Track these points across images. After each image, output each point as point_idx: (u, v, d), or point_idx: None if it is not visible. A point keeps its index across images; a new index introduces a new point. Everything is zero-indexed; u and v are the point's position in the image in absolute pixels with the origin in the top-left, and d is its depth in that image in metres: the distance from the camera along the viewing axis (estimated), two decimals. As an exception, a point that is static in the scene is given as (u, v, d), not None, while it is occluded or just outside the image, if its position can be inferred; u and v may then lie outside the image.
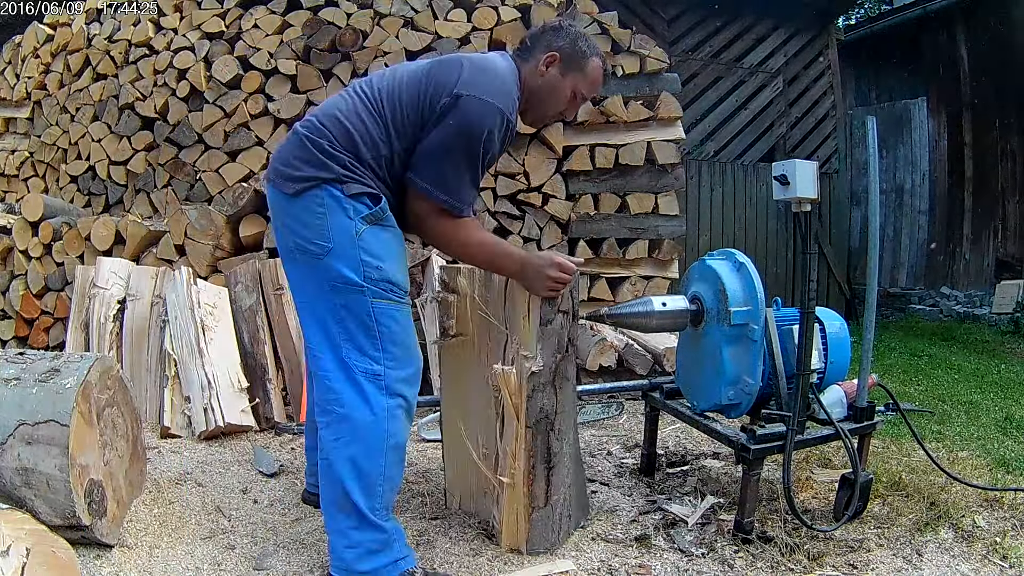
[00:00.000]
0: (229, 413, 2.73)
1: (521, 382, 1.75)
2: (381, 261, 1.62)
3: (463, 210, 1.68)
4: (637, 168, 3.98)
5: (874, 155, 1.95)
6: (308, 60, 3.91)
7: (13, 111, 5.04)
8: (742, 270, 1.97)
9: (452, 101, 1.60)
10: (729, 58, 6.29)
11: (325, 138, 1.63)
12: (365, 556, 1.60)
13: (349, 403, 1.59)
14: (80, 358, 1.86)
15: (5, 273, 4.01)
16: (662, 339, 3.54)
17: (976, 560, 1.87)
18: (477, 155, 1.63)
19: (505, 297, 1.83)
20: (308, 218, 1.62)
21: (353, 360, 1.60)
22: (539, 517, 1.83)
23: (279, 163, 1.70)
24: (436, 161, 1.63)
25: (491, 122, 1.61)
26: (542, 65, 1.76)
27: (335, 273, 1.60)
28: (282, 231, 1.70)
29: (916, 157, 7.92)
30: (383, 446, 1.61)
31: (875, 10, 11.05)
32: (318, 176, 1.61)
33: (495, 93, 1.63)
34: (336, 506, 1.62)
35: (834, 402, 2.06)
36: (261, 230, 3.48)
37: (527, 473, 1.79)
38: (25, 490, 1.66)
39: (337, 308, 1.61)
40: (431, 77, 1.66)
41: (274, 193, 1.70)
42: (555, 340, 1.78)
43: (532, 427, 1.78)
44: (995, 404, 3.68)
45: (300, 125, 1.71)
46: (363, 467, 1.59)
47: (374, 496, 1.61)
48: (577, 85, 1.79)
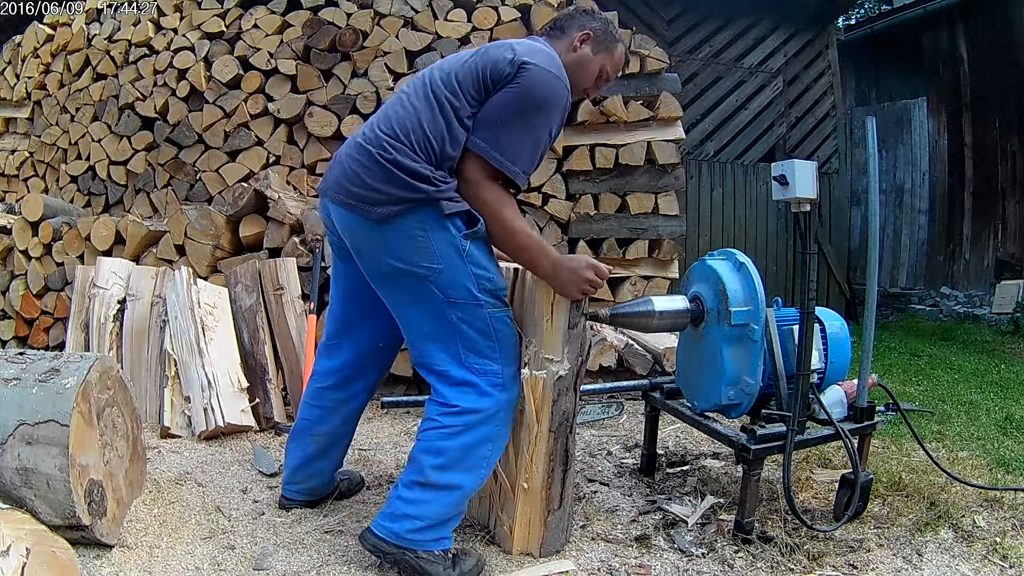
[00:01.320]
0: (229, 413, 2.73)
1: (546, 387, 1.73)
2: (490, 272, 1.68)
3: (518, 176, 1.64)
4: (637, 168, 3.98)
5: (874, 155, 1.95)
6: (308, 60, 3.91)
7: (13, 111, 5.04)
8: (742, 270, 1.97)
9: (516, 70, 1.60)
10: (729, 58, 6.29)
11: (400, 152, 1.60)
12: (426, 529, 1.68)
13: (472, 403, 1.66)
14: (80, 358, 1.86)
15: (5, 273, 4.01)
16: (662, 339, 3.54)
17: (976, 560, 1.87)
18: (540, 124, 1.63)
19: (512, 298, 1.81)
20: (406, 243, 1.62)
21: (473, 363, 1.67)
22: (554, 520, 1.83)
23: (349, 182, 1.65)
24: (497, 124, 1.61)
25: (556, 93, 1.63)
26: (576, 41, 1.80)
27: (452, 291, 1.64)
28: (369, 256, 1.69)
29: (916, 157, 7.92)
30: (495, 434, 1.70)
31: (875, 10, 11.05)
32: (408, 198, 1.59)
33: (556, 67, 1.66)
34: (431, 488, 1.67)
35: (834, 402, 2.06)
36: (261, 230, 3.48)
37: (546, 477, 1.79)
38: (25, 490, 1.66)
39: (455, 321, 1.65)
40: (484, 57, 1.66)
41: (347, 215, 1.66)
42: (578, 343, 1.77)
43: (554, 431, 1.77)
44: (995, 404, 3.68)
45: (364, 140, 1.67)
46: (474, 452, 1.68)
47: (472, 481, 1.70)
48: (605, 65, 1.85)
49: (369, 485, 2.30)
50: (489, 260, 1.70)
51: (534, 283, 1.76)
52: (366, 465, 2.49)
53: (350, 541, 1.89)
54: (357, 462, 2.53)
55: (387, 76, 3.79)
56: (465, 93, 1.63)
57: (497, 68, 1.62)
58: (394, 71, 3.80)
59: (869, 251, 1.96)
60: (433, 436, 1.68)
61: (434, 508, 1.67)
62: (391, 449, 2.71)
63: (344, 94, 3.83)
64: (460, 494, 1.70)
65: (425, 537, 1.68)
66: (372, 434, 2.91)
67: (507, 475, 1.83)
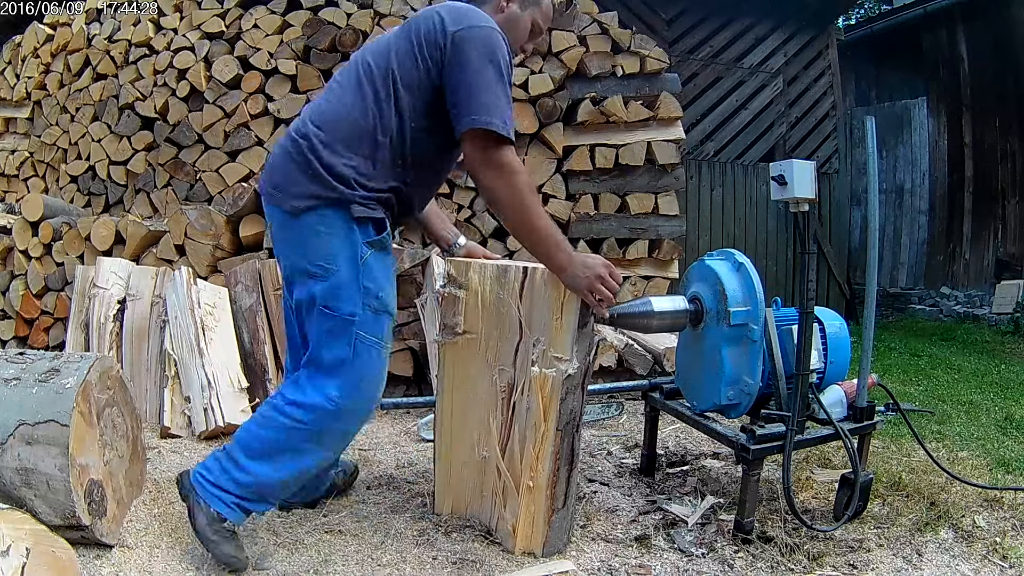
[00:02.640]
0: (229, 413, 2.73)
1: (555, 385, 1.73)
2: (381, 289, 1.65)
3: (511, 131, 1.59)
4: (637, 168, 3.98)
5: (873, 155, 1.95)
6: (308, 60, 3.91)
7: (13, 111, 5.05)
8: (741, 270, 1.97)
9: (452, 42, 1.59)
10: (729, 58, 6.29)
11: (326, 146, 1.59)
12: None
13: (303, 406, 1.67)
14: (80, 358, 1.86)
15: (5, 273, 4.01)
16: (662, 339, 3.54)
17: (976, 560, 1.87)
18: (502, 73, 1.60)
19: (521, 295, 1.77)
20: (308, 238, 1.60)
21: (318, 380, 1.67)
22: (557, 519, 1.83)
23: (274, 173, 1.66)
24: (468, 94, 1.57)
25: (497, 39, 1.62)
26: (503, 2, 1.80)
27: (333, 300, 1.61)
28: (279, 251, 1.70)
29: (916, 157, 7.92)
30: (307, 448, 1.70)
31: (875, 10, 11.05)
32: (320, 195, 1.58)
33: (484, 19, 1.65)
34: (258, 455, 1.67)
35: (834, 402, 2.06)
36: (261, 230, 3.48)
37: (552, 476, 1.78)
38: (25, 490, 1.66)
39: (322, 333, 1.64)
40: (415, 35, 1.64)
41: (270, 209, 1.68)
42: (587, 343, 1.77)
43: (561, 430, 1.77)
44: (995, 404, 3.68)
45: (295, 131, 1.66)
46: (285, 452, 1.69)
47: (269, 474, 1.69)
48: (535, 18, 1.85)
49: (369, 485, 2.30)
50: (385, 277, 1.67)
51: (543, 281, 1.74)
52: (366, 465, 2.49)
53: (350, 541, 1.89)
54: (357, 462, 2.53)
55: (387, 76, 3.79)
56: (407, 77, 1.62)
57: (435, 46, 1.61)
58: (394, 71, 3.81)
59: (869, 251, 1.96)
60: (262, 418, 1.71)
61: (234, 483, 1.69)
62: (391, 449, 2.72)
63: (344, 94, 3.83)
64: (258, 482, 1.68)
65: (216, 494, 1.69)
66: (372, 434, 2.91)
67: (512, 473, 1.83)
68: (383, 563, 1.78)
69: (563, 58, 3.87)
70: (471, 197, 3.80)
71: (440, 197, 3.76)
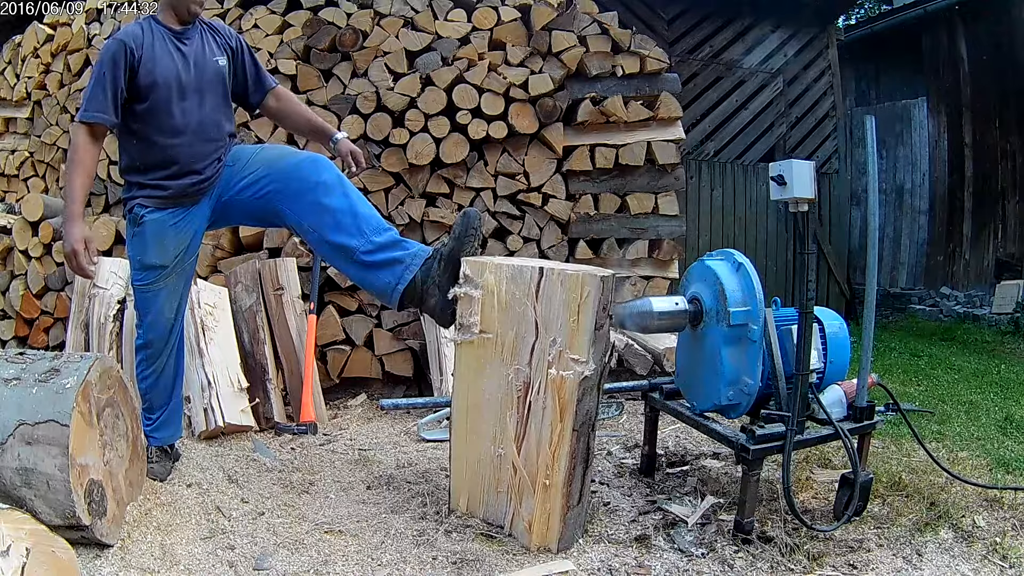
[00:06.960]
0: (229, 413, 2.73)
1: (572, 387, 1.73)
2: (139, 254, 2.13)
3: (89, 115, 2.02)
4: (637, 168, 3.98)
5: (873, 155, 1.95)
6: (308, 60, 3.91)
7: (13, 111, 5.04)
8: (741, 270, 1.98)
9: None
10: (729, 58, 6.29)
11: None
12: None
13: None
14: (80, 358, 1.86)
15: (5, 273, 4.01)
16: (662, 339, 3.54)
17: (976, 560, 1.87)
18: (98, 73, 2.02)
19: (537, 295, 1.79)
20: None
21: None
22: (572, 516, 1.85)
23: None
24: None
25: (107, 48, 2.01)
26: None
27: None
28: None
29: (916, 157, 7.92)
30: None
31: (875, 10, 11.06)
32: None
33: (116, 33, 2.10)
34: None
35: (834, 402, 2.06)
36: (261, 230, 3.48)
37: (568, 474, 1.79)
38: (25, 490, 1.66)
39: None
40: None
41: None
42: (603, 344, 1.78)
43: (578, 430, 1.78)
44: (995, 404, 3.68)
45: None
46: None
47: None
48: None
49: (370, 485, 2.30)
50: (141, 245, 2.11)
51: (559, 282, 1.75)
52: (366, 465, 2.49)
53: (350, 541, 1.89)
54: (357, 462, 2.53)
55: (387, 76, 3.79)
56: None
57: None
58: (394, 71, 3.80)
59: (868, 251, 1.96)
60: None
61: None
62: (391, 449, 2.72)
63: (344, 94, 3.82)
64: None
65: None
66: (372, 434, 2.91)
67: (528, 471, 1.84)
68: (383, 563, 1.78)
69: (563, 58, 3.87)
70: (471, 197, 3.80)
71: (440, 197, 3.77)
